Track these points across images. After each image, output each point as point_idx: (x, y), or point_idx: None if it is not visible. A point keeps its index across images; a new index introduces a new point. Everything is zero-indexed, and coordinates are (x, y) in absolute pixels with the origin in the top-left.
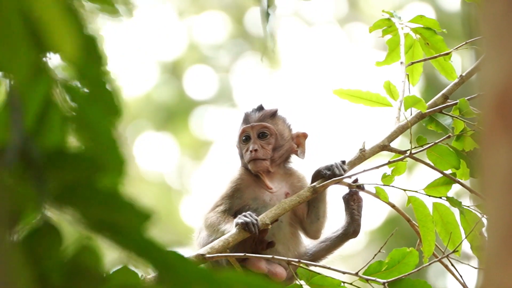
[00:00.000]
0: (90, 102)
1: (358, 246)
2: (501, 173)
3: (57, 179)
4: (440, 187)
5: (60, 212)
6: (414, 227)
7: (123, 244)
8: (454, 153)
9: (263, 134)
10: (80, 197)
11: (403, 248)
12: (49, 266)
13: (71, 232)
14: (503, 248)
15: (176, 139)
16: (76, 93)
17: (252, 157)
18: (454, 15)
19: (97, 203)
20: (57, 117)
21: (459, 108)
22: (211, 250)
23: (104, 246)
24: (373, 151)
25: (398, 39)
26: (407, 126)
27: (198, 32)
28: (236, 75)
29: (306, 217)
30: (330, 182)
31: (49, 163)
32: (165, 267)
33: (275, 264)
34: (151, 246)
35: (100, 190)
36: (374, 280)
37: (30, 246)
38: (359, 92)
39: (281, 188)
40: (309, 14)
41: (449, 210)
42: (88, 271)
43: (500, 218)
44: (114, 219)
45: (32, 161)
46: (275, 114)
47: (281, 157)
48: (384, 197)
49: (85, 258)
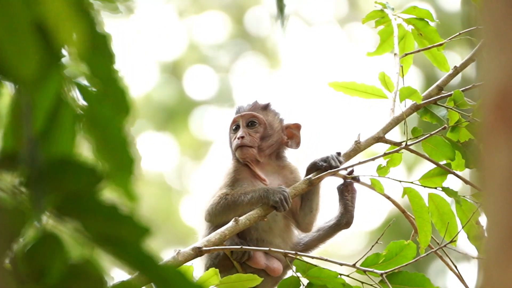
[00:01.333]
0: (101, 100)
1: (358, 246)
2: (501, 173)
3: (58, 189)
4: (435, 178)
5: (61, 223)
6: (410, 218)
7: (123, 257)
8: (449, 144)
9: (252, 123)
10: (81, 209)
11: (400, 241)
12: (51, 277)
13: (73, 244)
14: (503, 248)
15: (176, 139)
16: (87, 91)
17: (238, 144)
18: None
19: (98, 215)
20: (68, 116)
21: (454, 99)
22: (208, 243)
23: (104, 258)
24: (368, 143)
25: (391, 30)
26: (402, 118)
27: (198, 32)
28: (236, 75)
29: (300, 210)
30: (326, 174)
31: (52, 172)
32: (163, 282)
33: (273, 259)
34: (150, 260)
35: (101, 202)
36: (371, 271)
37: (32, 257)
38: (354, 84)
39: (274, 180)
40: (309, 14)
41: (445, 201)
42: (90, 282)
43: (500, 218)
44: (114, 231)
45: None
46: (266, 107)
47: (270, 147)
48: (380, 188)
49: (87, 269)
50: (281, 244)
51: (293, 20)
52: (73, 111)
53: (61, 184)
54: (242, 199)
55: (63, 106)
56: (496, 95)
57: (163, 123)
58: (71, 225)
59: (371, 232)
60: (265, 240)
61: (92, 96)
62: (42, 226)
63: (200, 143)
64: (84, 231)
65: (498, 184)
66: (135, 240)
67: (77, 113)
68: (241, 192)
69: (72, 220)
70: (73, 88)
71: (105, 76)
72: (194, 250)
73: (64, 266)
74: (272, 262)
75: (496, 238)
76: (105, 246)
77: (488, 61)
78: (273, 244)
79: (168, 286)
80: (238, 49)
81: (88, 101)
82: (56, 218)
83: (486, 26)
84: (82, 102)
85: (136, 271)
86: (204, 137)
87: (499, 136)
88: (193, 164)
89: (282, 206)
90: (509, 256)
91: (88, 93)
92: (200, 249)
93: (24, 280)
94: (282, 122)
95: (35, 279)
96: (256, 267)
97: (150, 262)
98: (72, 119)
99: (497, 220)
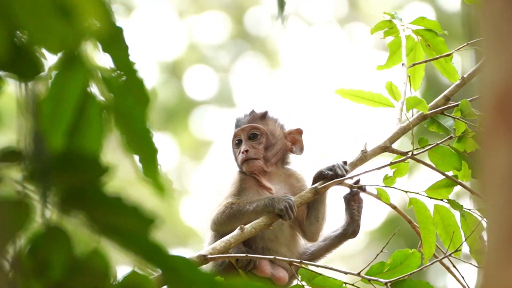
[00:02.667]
0: (124, 92)
1: (359, 247)
2: (501, 173)
3: (64, 182)
4: (442, 189)
5: (67, 215)
6: (416, 228)
7: (130, 248)
8: (455, 155)
9: (254, 135)
10: (86, 201)
11: (405, 250)
12: (55, 271)
13: (79, 236)
14: (503, 248)
15: (176, 139)
16: (111, 83)
17: (243, 158)
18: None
19: (103, 207)
20: (95, 109)
21: (461, 109)
22: (213, 250)
23: (111, 249)
24: (374, 152)
25: (400, 41)
26: (409, 127)
27: (198, 32)
28: (236, 75)
29: (306, 219)
30: (332, 183)
31: (57, 165)
32: (171, 270)
33: (279, 268)
34: (157, 249)
35: (106, 194)
36: (376, 280)
37: (36, 251)
38: (361, 92)
39: (280, 189)
40: (309, 14)
41: (450, 213)
42: (95, 276)
43: (500, 218)
44: (120, 223)
45: (39, 163)
46: (265, 116)
47: (275, 156)
48: (386, 198)
49: (92, 263)
50: (287, 253)
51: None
52: (99, 104)
53: (65, 177)
54: (247, 208)
55: (89, 100)
56: (496, 95)
57: (163, 123)
58: (77, 217)
59: (371, 232)
60: (271, 249)
61: (116, 88)
62: (47, 220)
63: (200, 143)
64: (90, 223)
65: (498, 184)
66: (142, 230)
67: (103, 106)
68: (246, 201)
69: (78, 213)
70: (98, 81)
71: (125, 67)
72: (199, 258)
73: (69, 260)
74: (277, 271)
75: (496, 238)
76: (112, 237)
77: (488, 61)
78: (279, 253)
79: (177, 275)
80: (238, 49)
81: (113, 93)
82: (61, 211)
83: (486, 26)
84: (106, 95)
85: (144, 261)
86: (204, 137)
87: (499, 136)
88: (193, 164)
89: (287, 214)
90: (509, 256)
91: (112, 86)
92: (205, 257)
93: (29, 275)
94: (283, 128)
95: (40, 273)
96: (261, 275)
97: (158, 252)
98: (99, 113)
99: (497, 220)
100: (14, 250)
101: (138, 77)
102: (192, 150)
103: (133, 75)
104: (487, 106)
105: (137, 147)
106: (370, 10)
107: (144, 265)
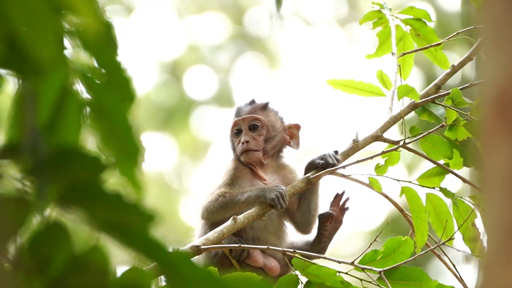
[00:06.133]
0: (106, 89)
1: (358, 246)
2: (502, 173)
3: (63, 178)
4: (434, 178)
5: (67, 212)
6: (407, 217)
7: (130, 244)
8: (447, 143)
9: (254, 126)
10: (86, 197)
11: (398, 237)
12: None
13: (78, 232)
14: (503, 248)
15: (175, 139)
16: (93, 80)
17: (244, 148)
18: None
19: (103, 203)
20: (74, 106)
21: (452, 98)
22: (206, 241)
23: (111, 246)
24: (366, 142)
25: (389, 31)
26: (400, 116)
27: (197, 32)
28: (235, 76)
29: (297, 210)
30: (324, 172)
31: (56, 162)
32: (170, 267)
33: (271, 258)
34: (157, 246)
35: (105, 191)
36: (369, 269)
37: (36, 248)
38: (352, 82)
39: (274, 180)
40: (309, 14)
41: (442, 201)
42: (95, 273)
43: (500, 218)
44: (120, 219)
45: (38, 159)
46: (266, 107)
47: (273, 148)
48: (378, 187)
49: (92, 260)
50: (276, 242)
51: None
52: (78, 101)
53: (65, 174)
54: (239, 197)
55: (68, 96)
56: (496, 95)
57: (163, 123)
58: (77, 214)
59: (371, 232)
60: (260, 239)
61: (98, 85)
62: (46, 216)
63: (200, 143)
64: (90, 219)
65: (498, 184)
66: (141, 226)
67: (82, 103)
68: (238, 191)
69: (77, 209)
70: (78, 78)
71: (110, 63)
72: (192, 249)
73: (69, 257)
74: (270, 261)
75: (496, 238)
76: (112, 233)
77: (488, 61)
78: (268, 243)
79: (176, 271)
80: (237, 49)
81: (93, 91)
82: (61, 207)
83: (486, 26)
84: (87, 92)
85: (144, 257)
86: (204, 137)
87: (499, 136)
88: (192, 164)
89: (279, 204)
90: (509, 256)
91: (93, 83)
92: (198, 247)
93: (29, 272)
94: (283, 121)
95: (40, 270)
96: (254, 265)
97: (158, 248)
98: (78, 109)
99: (497, 220)
100: (14, 247)
101: (124, 75)
102: (192, 150)
103: (118, 73)
104: (488, 106)
105: (115, 145)
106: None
107: (143, 262)
